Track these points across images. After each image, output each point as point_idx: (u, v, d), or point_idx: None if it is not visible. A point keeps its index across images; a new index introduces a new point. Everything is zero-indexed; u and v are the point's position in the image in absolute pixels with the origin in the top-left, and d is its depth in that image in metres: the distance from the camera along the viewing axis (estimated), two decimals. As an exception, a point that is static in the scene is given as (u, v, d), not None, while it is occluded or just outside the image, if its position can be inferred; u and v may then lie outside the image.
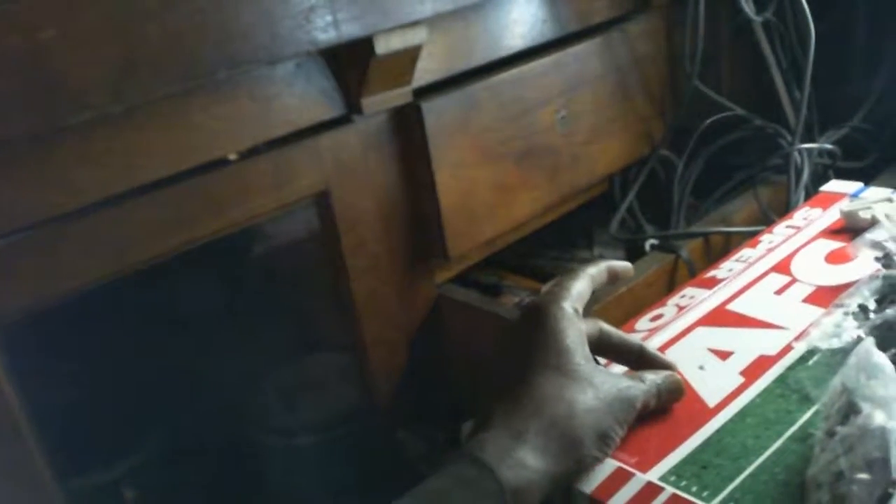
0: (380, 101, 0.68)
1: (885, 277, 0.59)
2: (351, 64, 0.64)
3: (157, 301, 0.77)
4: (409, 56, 0.66)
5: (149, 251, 0.59)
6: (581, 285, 0.56)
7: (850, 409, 0.44)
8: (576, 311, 0.55)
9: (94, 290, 0.57)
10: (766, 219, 0.84)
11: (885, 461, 0.38)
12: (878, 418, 0.40)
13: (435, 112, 0.70)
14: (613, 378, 0.53)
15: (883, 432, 0.39)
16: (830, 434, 0.44)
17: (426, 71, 0.71)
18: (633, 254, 0.88)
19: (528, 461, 0.47)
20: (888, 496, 0.38)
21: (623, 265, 0.61)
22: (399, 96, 0.69)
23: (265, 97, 0.62)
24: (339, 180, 0.67)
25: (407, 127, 0.70)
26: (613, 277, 0.61)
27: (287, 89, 0.63)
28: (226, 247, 0.74)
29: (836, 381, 0.47)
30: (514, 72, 0.77)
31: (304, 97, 0.64)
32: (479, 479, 0.45)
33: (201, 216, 0.61)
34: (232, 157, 0.62)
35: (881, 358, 0.44)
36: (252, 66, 0.57)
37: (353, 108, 0.67)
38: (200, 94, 0.58)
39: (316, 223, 0.70)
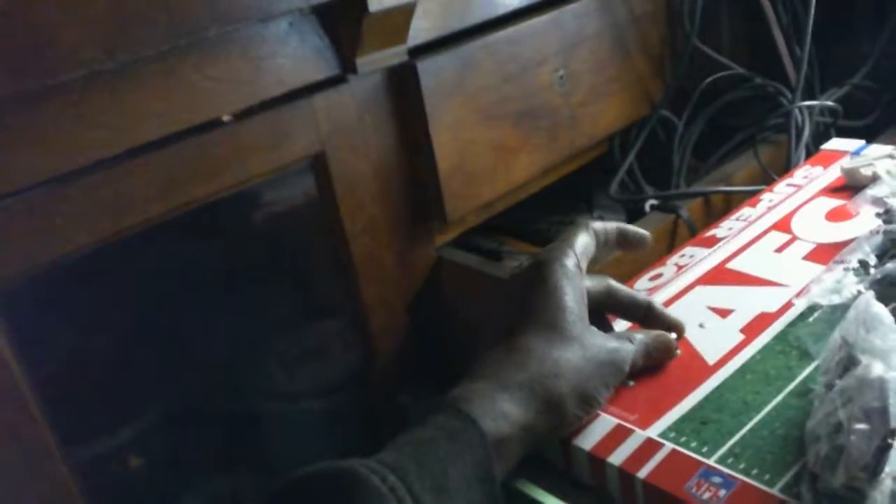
0: (374, 61, 0.67)
1: (885, 233, 0.59)
2: (344, 22, 0.63)
3: (157, 267, 0.77)
4: (404, 14, 0.65)
5: (145, 213, 0.58)
6: (584, 239, 0.56)
7: (849, 362, 0.44)
8: (578, 267, 0.54)
9: (95, 255, 0.57)
10: (767, 178, 0.83)
11: (884, 410, 0.38)
12: (877, 369, 0.40)
13: (431, 72, 0.69)
14: (604, 339, 0.53)
15: (881, 382, 0.39)
16: (829, 387, 0.44)
17: (421, 30, 0.70)
18: (634, 215, 0.87)
19: (510, 414, 0.47)
20: (887, 446, 0.38)
21: (636, 230, 0.60)
22: (394, 55, 0.68)
23: (258, 57, 0.61)
24: (334, 141, 0.66)
25: (402, 87, 0.69)
26: (623, 242, 0.60)
27: (280, 48, 0.62)
28: (225, 212, 0.74)
29: (835, 335, 0.47)
30: (511, 30, 0.76)
31: (297, 56, 0.63)
32: (463, 431, 0.45)
33: (197, 178, 0.60)
34: (226, 118, 0.61)
35: (880, 308, 0.43)
36: (243, 23, 0.56)
37: (347, 68, 0.66)
38: (193, 53, 0.57)
39: (313, 187, 0.69)
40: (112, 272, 0.69)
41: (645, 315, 0.57)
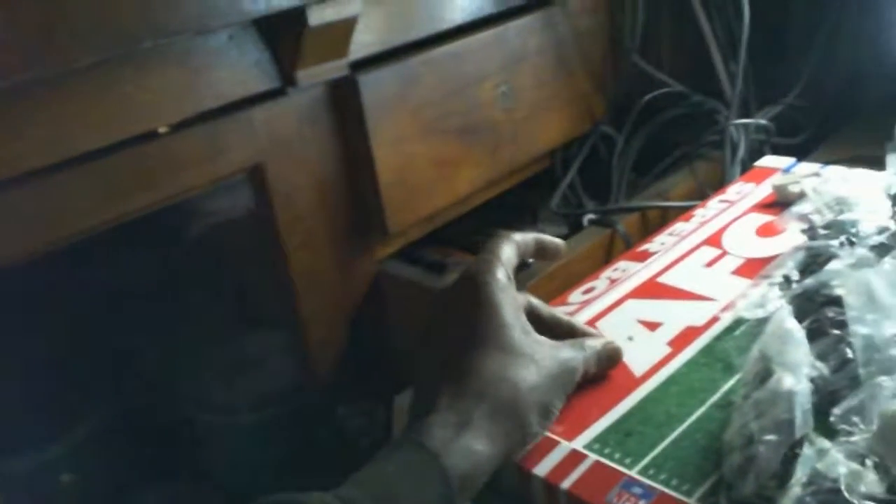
0: (315, 74, 0.67)
1: (808, 249, 0.60)
2: (285, 35, 0.64)
3: (92, 278, 0.76)
4: (344, 28, 0.66)
5: (78, 225, 0.58)
6: (509, 250, 0.56)
7: (765, 375, 0.45)
8: (509, 278, 0.55)
9: (26, 266, 0.56)
10: (703, 194, 0.85)
11: (791, 422, 0.39)
12: (788, 382, 0.41)
13: (372, 86, 0.70)
14: (553, 349, 0.53)
15: (790, 395, 0.40)
16: (747, 399, 0.45)
17: (363, 44, 0.71)
18: (574, 229, 0.88)
19: (475, 447, 0.46)
20: (794, 455, 0.39)
21: (553, 240, 0.60)
22: (335, 69, 0.68)
23: (196, 69, 0.61)
24: (273, 154, 0.66)
25: (343, 101, 0.70)
26: (541, 252, 0.60)
27: (219, 61, 0.62)
28: (163, 223, 0.73)
29: (754, 349, 0.49)
30: (453, 45, 0.77)
31: (236, 69, 0.63)
32: (424, 466, 0.45)
33: (132, 190, 0.60)
34: (162, 129, 0.61)
35: (792, 324, 0.45)
36: (179, 36, 0.56)
37: (287, 81, 0.66)
38: (128, 64, 0.57)
39: (252, 198, 0.69)
40: (45, 282, 0.68)
41: (567, 335, 0.57)
